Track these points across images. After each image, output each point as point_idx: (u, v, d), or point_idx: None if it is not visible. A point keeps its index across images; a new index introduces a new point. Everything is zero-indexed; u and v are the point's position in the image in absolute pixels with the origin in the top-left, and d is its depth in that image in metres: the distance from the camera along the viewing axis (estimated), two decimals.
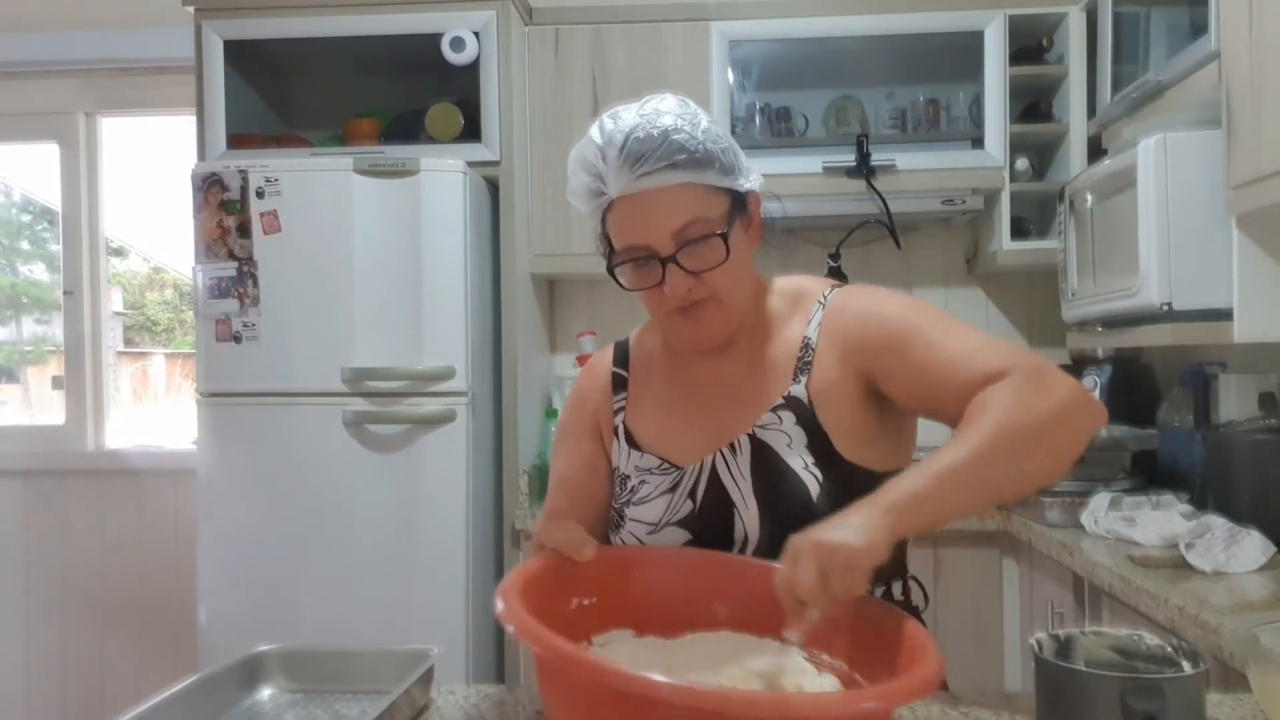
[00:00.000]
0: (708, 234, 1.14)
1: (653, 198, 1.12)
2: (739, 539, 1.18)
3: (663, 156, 1.11)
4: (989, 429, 1.00)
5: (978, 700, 1.12)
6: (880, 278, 3.21)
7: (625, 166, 1.12)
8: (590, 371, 1.36)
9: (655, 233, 1.13)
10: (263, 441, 2.54)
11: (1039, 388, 1.03)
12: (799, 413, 1.18)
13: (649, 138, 1.12)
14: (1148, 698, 0.84)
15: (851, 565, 0.90)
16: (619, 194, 1.13)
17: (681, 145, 1.12)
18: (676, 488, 1.22)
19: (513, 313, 2.79)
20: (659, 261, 1.13)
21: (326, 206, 2.53)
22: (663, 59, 2.89)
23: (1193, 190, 2.05)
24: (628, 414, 1.29)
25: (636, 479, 1.25)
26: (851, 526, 0.92)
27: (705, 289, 1.15)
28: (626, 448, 1.27)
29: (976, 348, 1.11)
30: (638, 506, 1.23)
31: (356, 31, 2.77)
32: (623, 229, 1.15)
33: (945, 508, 0.98)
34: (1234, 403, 2.22)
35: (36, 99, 3.39)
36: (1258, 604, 1.58)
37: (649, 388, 1.30)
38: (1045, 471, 1.05)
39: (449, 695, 1.21)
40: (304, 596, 2.51)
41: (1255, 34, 1.79)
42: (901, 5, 2.85)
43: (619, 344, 1.37)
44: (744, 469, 1.18)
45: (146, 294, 4.27)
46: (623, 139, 1.12)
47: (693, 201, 1.14)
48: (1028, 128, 2.88)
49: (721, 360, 1.25)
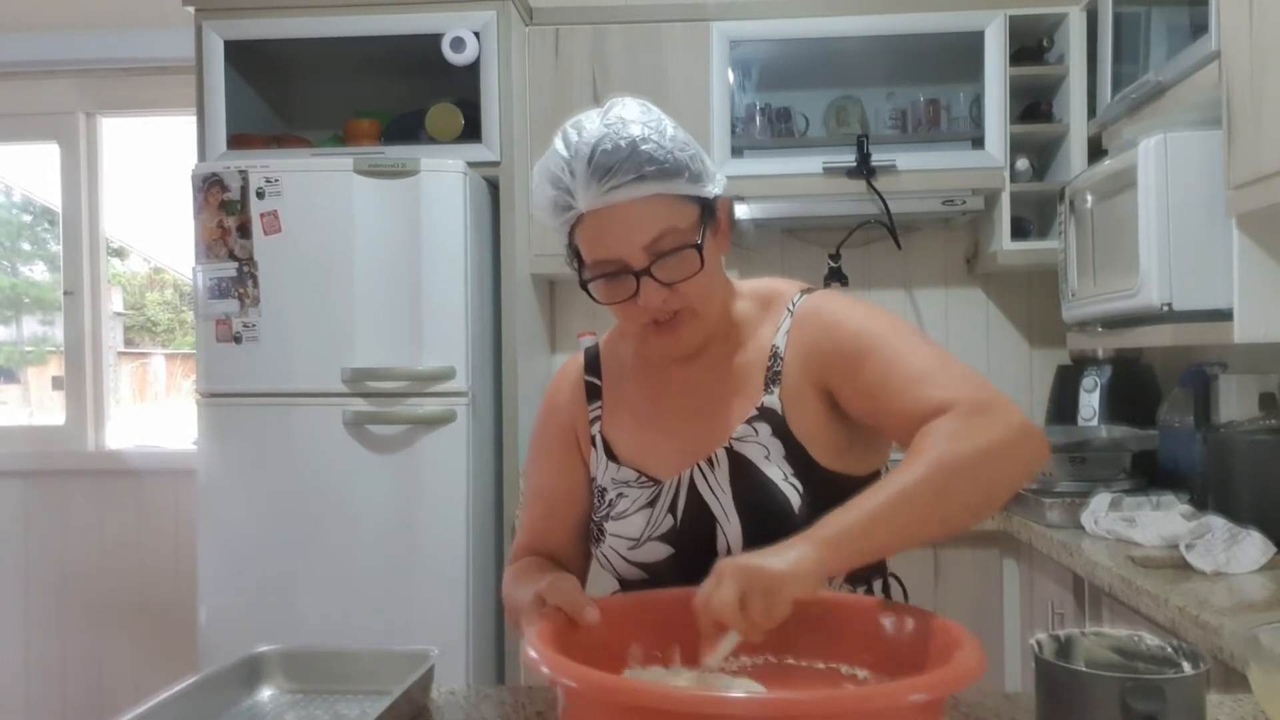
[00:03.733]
0: (680, 245, 1.11)
1: (622, 211, 1.10)
2: (721, 552, 1.16)
3: (631, 169, 1.08)
4: (924, 466, 0.98)
5: (978, 700, 1.12)
6: (880, 278, 3.22)
7: (593, 180, 1.09)
8: (561, 380, 1.34)
9: (626, 246, 1.11)
10: (263, 442, 2.54)
11: (981, 424, 1.01)
12: (774, 424, 1.17)
13: (616, 149, 1.09)
14: (1148, 698, 0.83)
15: (771, 590, 0.88)
16: (588, 208, 1.11)
17: (650, 156, 1.09)
18: (656, 502, 1.20)
19: (513, 313, 2.79)
20: (632, 275, 1.11)
21: (326, 207, 2.53)
22: (663, 59, 2.89)
23: (1193, 190, 2.05)
24: (604, 423, 1.27)
25: (614, 492, 1.23)
26: (780, 555, 0.91)
27: (680, 300, 1.14)
28: (605, 459, 1.25)
29: (927, 373, 1.09)
30: (617, 521, 1.22)
31: (356, 31, 2.77)
32: (593, 243, 1.12)
33: (876, 544, 0.98)
34: (1234, 403, 2.22)
35: (36, 99, 3.39)
36: (1258, 604, 1.58)
37: (623, 396, 1.28)
38: (979, 507, 1.04)
39: (449, 695, 1.21)
40: (304, 597, 2.51)
41: (1255, 34, 1.79)
42: (902, 5, 2.85)
43: (588, 350, 1.34)
44: (723, 482, 1.17)
45: (147, 294, 4.27)
46: (589, 151, 1.09)
47: (663, 213, 1.11)
48: (1028, 128, 2.88)
49: (694, 367, 1.24)
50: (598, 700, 0.81)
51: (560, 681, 0.81)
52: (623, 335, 1.32)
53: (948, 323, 3.21)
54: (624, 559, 1.22)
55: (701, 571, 1.18)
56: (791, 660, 1.02)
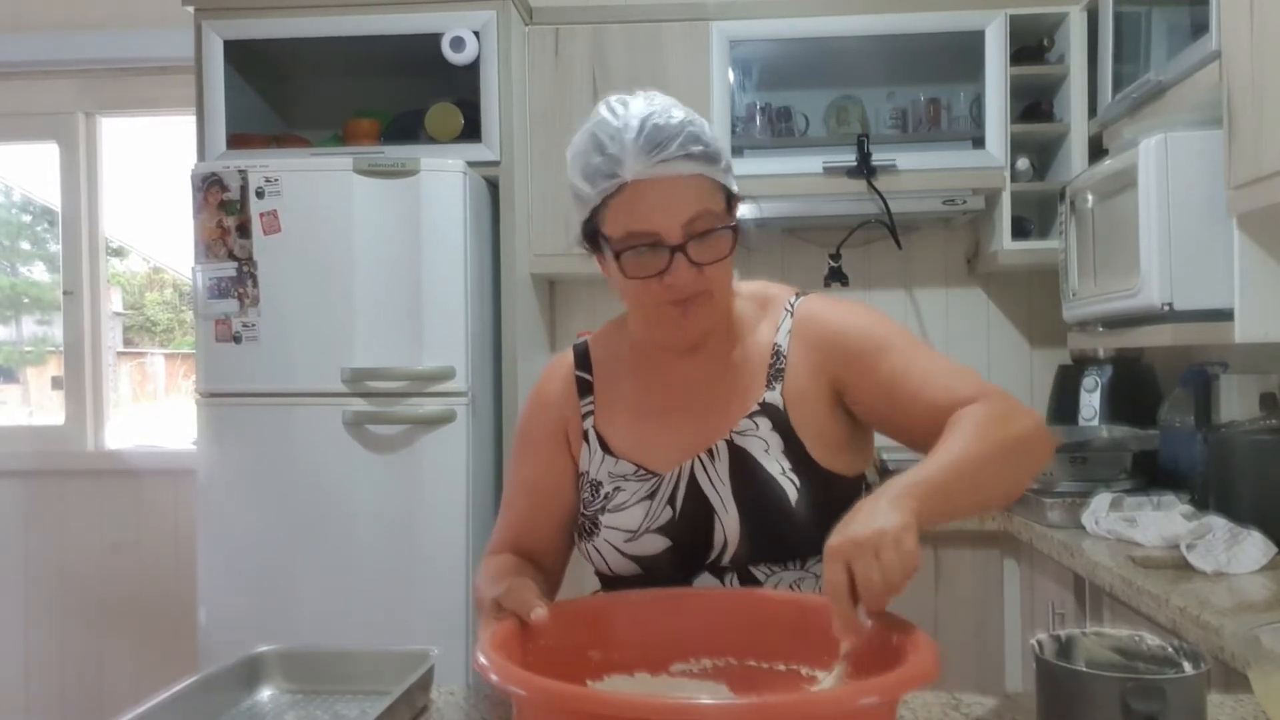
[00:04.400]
0: (715, 227, 1.14)
1: (666, 185, 1.12)
2: (718, 544, 1.18)
3: (681, 146, 1.11)
4: (978, 440, 1.02)
5: (978, 700, 1.11)
6: (881, 278, 3.22)
7: (643, 151, 1.11)
8: (550, 376, 1.34)
9: (666, 220, 1.12)
10: (263, 441, 2.54)
11: (1014, 414, 1.08)
12: (774, 419, 1.19)
13: (667, 125, 1.12)
14: (1149, 698, 0.83)
15: (899, 543, 0.87)
16: (633, 178, 1.12)
17: (697, 136, 1.13)
18: (655, 494, 1.21)
19: (513, 313, 2.79)
20: (666, 250, 1.12)
21: (326, 206, 2.53)
22: (663, 59, 2.89)
23: (1193, 190, 2.05)
24: (597, 418, 1.28)
25: (610, 485, 1.23)
26: (879, 511, 0.90)
27: (703, 282, 1.15)
28: (601, 453, 1.25)
29: (944, 371, 1.16)
30: (614, 514, 1.22)
31: (356, 31, 2.77)
32: (630, 215, 1.13)
33: (952, 505, 0.99)
34: (1235, 403, 2.22)
35: (36, 99, 3.39)
36: (1259, 605, 1.58)
37: (618, 392, 1.28)
38: (1012, 491, 1.11)
39: (449, 695, 1.21)
40: (304, 597, 2.51)
41: (1256, 34, 1.78)
42: (902, 5, 2.85)
43: (576, 347, 1.35)
44: (723, 474, 1.19)
45: (146, 294, 4.27)
46: (639, 124, 1.12)
47: (703, 194, 1.14)
48: (1028, 128, 2.88)
49: (692, 362, 1.25)
50: (545, 707, 0.80)
51: (509, 689, 0.80)
52: (613, 330, 1.33)
53: (948, 323, 3.21)
54: (619, 552, 1.22)
55: (697, 564, 1.19)
56: (753, 662, 1.02)
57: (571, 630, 1.01)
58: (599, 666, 1.00)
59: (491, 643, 0.90)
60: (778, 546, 1.18)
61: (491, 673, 0.82)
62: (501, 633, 0.94)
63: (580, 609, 1.06)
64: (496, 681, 0.81)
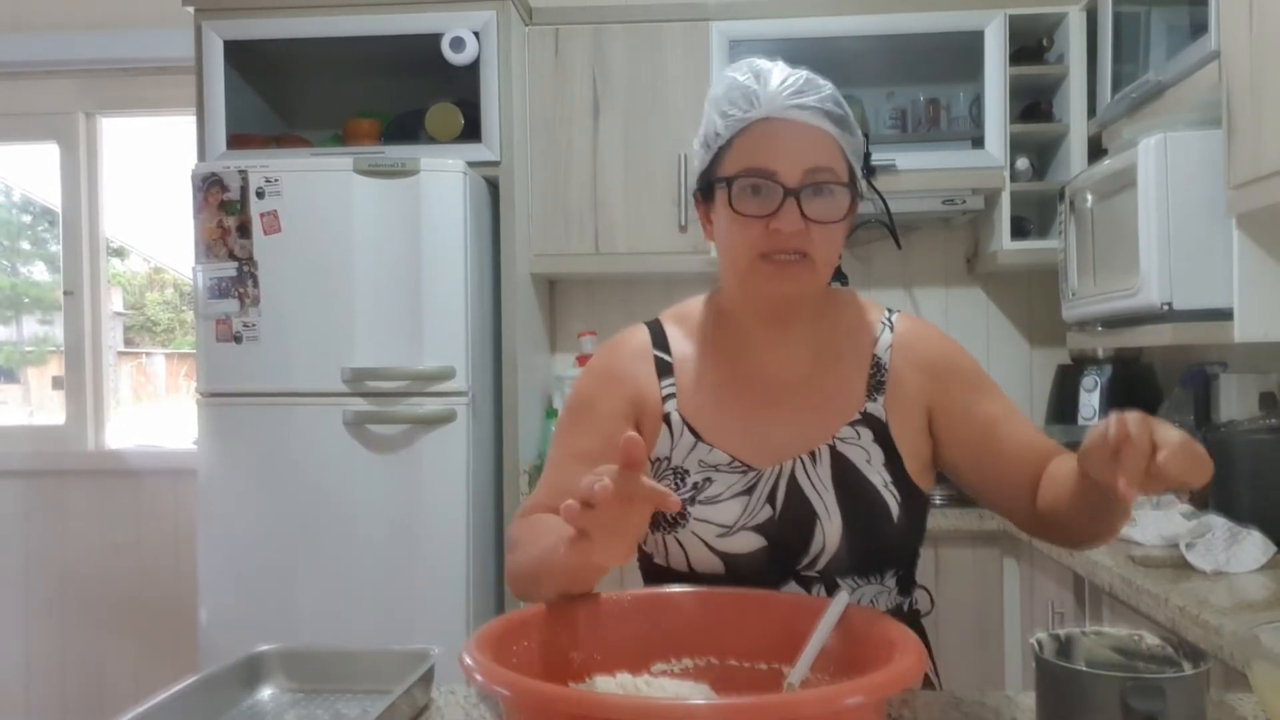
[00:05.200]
0: (834, 182, 1.13)
1: (797, 130, 1.12)
2: (815, 549, 1.16)
3: (821, 101, 1.13)
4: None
5: (978, 700, 1.12)
6: (881, 278, 3.22)
7: (784, 92, 1.13)
8: (623, 352, 1.27)
9: (788, 161, 1.11)
10: (263, 441, 2.54)
11: None
12: (876, 430, 1.19)
13: (813, 80, 1.15)
14: (1148, 698, 0.83)
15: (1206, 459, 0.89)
16: (768, 114, 1.12)
17: (838, 100, 1.15)
18: (753, 490, 1.17)
19: (513, 313, 2.79)
20: (780, 192, 1.11)
21: (326, 207, 2.53)
22: (663, 59, 2.89)
23: (1193, 190, 2.05)
24: (680, 402, 1.22)
25: (700, 475, 1.19)
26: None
27: (807, 242, 1.12)
28: (690, 439, 1.20)
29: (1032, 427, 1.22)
30: (707, 506, 1.17)
31: (356, 31, 2.77)
32: (753, 150, 1.13)
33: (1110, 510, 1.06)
34: (1234, 402, 2.22)
35: (36, 99, 3.39)
36: (1258, 604, 1.58)
37: (702, 378, 1.23)
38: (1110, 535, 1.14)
39: (449, 695, 1.21)
40: (304, 596, 2.51)
41: (1255, 34, 1.79)
42: (901, 5, 2.85)
43: (650, 325, 1.29)
44: (825, 479, 1.17)
45: (146, 294, 4.27)
46: (785, 73, 1.15)
47: (831, 150, 1.14)
48: (1028, 128, 2.88)
49: (784, 349, 1.22)
50: (529, 708, 0.80)
51: (493, 690, 0.80)
52: (690, 312, 1.29)
53: (948, 322, 3.21)
54: (709, 547, 1.17)
55: (789, 568, 1.17)
56: (734, 662, 1.01)
57: (554, 631, 1.01)
58: (581, 667, 1.00)
59: (477, 643, 0.89)
60: (871, 558, 1.18)
61: (476, 673, 0.82)
62: (492, 634, 0.94)
63: (561, 610, 1.05)
64: (481, 682, 0.81)
